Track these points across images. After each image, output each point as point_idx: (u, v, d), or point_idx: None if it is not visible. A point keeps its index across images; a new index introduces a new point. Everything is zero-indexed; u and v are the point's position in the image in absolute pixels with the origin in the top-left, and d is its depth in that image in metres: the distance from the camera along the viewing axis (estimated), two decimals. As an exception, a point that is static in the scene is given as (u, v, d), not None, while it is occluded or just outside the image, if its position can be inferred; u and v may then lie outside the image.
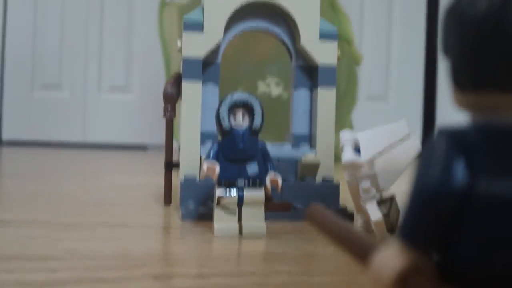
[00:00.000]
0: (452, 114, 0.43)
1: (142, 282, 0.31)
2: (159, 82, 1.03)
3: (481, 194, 0.17)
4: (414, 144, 0.46)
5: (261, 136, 0.46)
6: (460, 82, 0.18)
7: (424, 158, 0.18)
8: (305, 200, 0.54)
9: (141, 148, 1.55)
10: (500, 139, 0.17)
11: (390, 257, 0.18)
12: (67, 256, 0.36)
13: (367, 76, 1.53)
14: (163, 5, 1.34)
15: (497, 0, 0.17)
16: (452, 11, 0.18)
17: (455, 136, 0.18)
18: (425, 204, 0.17)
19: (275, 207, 0.50)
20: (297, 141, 0.58)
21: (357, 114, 1.36)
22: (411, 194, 0.18)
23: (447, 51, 0.19)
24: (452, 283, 0.18)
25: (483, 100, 0.18)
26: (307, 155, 0.56)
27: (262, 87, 1.32)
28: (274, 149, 0.56)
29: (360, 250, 0.19)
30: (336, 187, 0.56)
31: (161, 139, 0.73)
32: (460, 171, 0.17)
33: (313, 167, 0.56)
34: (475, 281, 0.17)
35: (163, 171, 0.58)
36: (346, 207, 0.55)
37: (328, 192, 0.55)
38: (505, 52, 0.17)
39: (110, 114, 1.55)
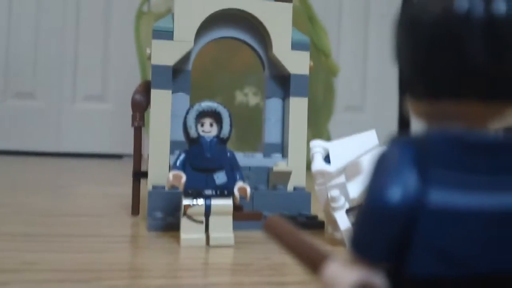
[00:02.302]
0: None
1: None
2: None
3: (434, 206, 0.17)
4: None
5: (238, 146, 0.46)
6: (414, 91, 0.18)
7: (376, 168, 0.18)
8: (277, 208, 0.54)
9: (116, 157, 1.53)
10: (454, 149, 0.17)
11: (342, 270, 0.17)
12: (24, 269, 0.35)
13: (345, 88, 1.54)
14: (140, 15, 1.33)
15: (450, 4, 0.17)
16: (403, 16, 0.18)
17: (408, 146, 0.17)
18: (375, 215, 0.17)
19: (245, 216, 0.50)
20: (269, 150, 0.58)
21: (335, 124, 1.36)
22: (362, 205, 0.17)
23: (398, 59, 0.18)
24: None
25: (438, 109, 0.18)
26: (279, 164, 0.56)
27: (240, 96, 1.31)
28: (246, 158, 0.56)
29: (313, 261, 0.19)
30: (308, 196, 0.56)
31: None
32: (412, 182, 0.17)
33: (285, 176, 0.55)
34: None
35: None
36: (317, 216, 0.54)
37: (300, 200, 0.55)
38: (458, 60, 0.17)
39: (85, 123, 1.53)
